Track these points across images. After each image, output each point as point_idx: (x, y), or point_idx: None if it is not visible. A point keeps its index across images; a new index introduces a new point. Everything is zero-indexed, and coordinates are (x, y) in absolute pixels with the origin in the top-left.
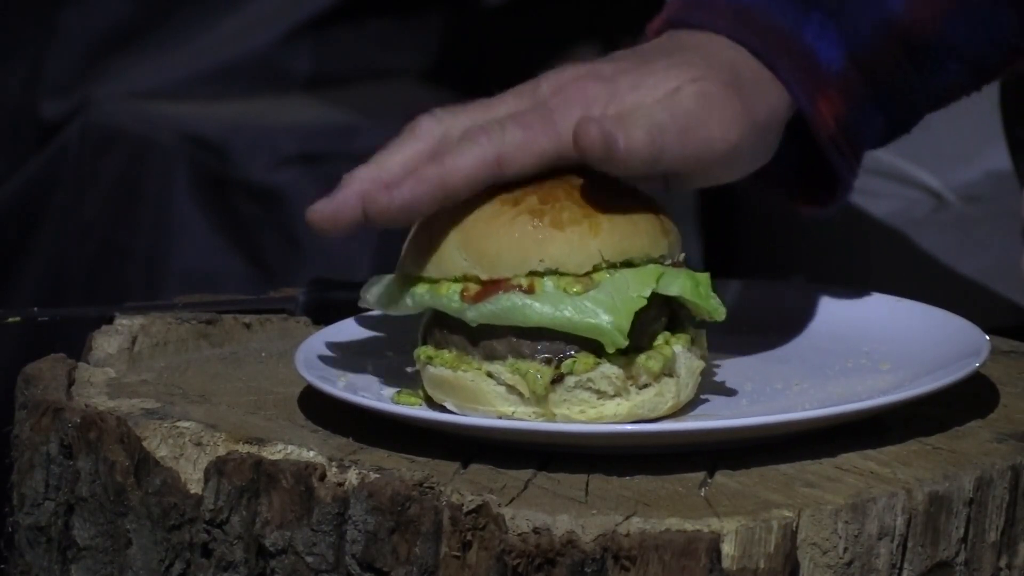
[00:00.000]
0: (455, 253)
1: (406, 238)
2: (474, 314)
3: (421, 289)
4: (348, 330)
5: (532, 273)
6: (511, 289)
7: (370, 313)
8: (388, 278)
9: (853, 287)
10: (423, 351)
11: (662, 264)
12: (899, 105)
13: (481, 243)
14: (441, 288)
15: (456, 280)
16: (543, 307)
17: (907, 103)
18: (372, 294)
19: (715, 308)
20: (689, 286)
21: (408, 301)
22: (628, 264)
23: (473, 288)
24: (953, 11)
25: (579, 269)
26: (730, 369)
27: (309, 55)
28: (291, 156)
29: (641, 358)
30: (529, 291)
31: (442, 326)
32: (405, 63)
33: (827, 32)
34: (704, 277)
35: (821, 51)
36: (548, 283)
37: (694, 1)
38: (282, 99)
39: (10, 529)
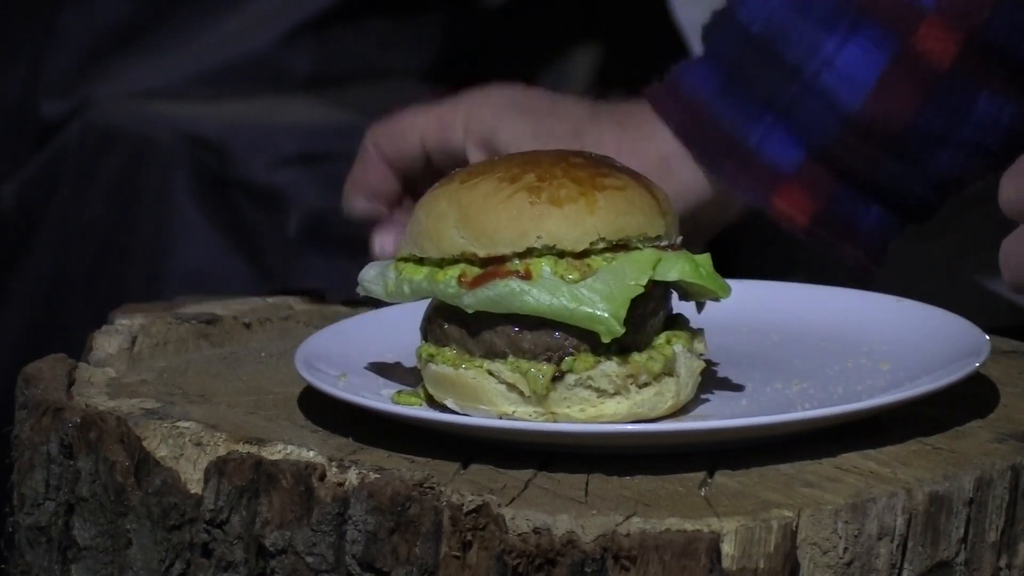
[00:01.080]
0: (453, 231)
1: None
2: (471, 300)
3: (419, 276)
4: (348, 330)
5: (529, 251)
6: (508, 275)
7: (370, 313)
8: (386, 264)
9: (853, 287)
10: (424, 349)
11: (659, 246)
12: (892, 194)
13: (479, 220)
14: (438, 275)
15: (454, 260)
16: (540, 294)
17: (902, 191)
18: (370, 279)
19: (720, 286)
20: (689, 269)
21: (405, 289)
22: (624, 243)
23: (471, 273)
24: (921, 104)
25: (576, 246)
26: (730, 369)
27: (309, 55)
28: (291, 156)
29: (641, 357)
30: (526, 277)
31: (442, 320)
32: (405, 63)
33: (777, 133)
34: (704, 258)
35: (769, 152)
36: (546, 268)
37: (669, 83)
38: (282, 99)
39: (10, 529)
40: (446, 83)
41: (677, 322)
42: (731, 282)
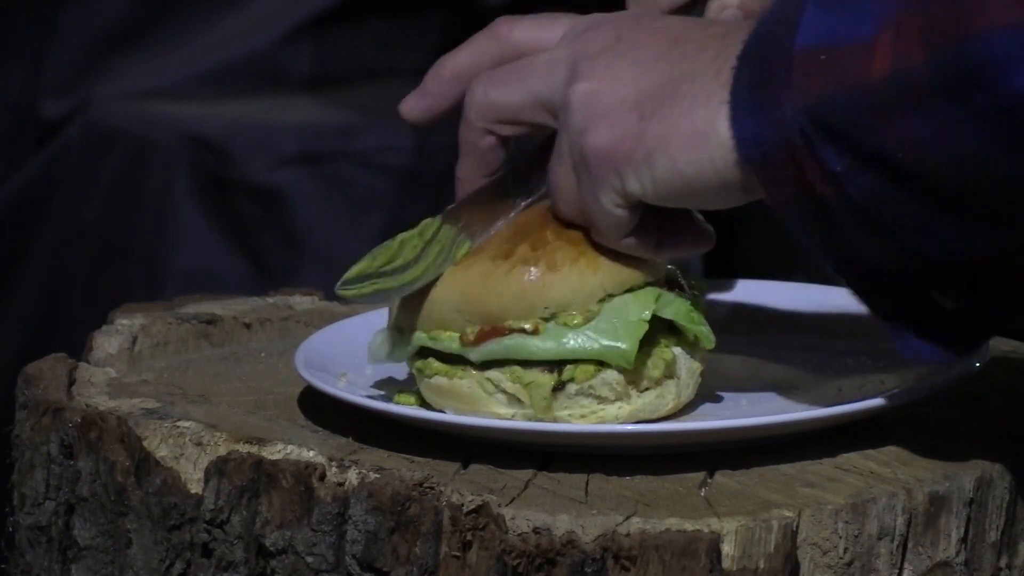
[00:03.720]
0: (456, 315)
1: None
2: (476, 355)
3: (421, 335)
4: (348, 330)
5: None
6: (512, 333)
7: (370, 313)
8: (388, 331)
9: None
10: (416, 364)
11: (657, 286)
12: None
13: (481, 302)
14: (441, 335)
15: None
16: (546, 343)
17: None
18: (377, 345)
19: (705, 336)
20: (683, 311)
21: (409, 349)
22: (628, 291)
23: (472, 332)
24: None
25: (584, 307)
26: (730, 369)
27: (309, 55)
28: (291, 156)
29: (642, 363)
30: (533, 332)
31: None
32: (405, 63)
33: None
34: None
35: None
36: (550, 325)
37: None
38: (282, 99)
39: (10, 529)
40: None
41: (676, 324)
42: (731, 282)
